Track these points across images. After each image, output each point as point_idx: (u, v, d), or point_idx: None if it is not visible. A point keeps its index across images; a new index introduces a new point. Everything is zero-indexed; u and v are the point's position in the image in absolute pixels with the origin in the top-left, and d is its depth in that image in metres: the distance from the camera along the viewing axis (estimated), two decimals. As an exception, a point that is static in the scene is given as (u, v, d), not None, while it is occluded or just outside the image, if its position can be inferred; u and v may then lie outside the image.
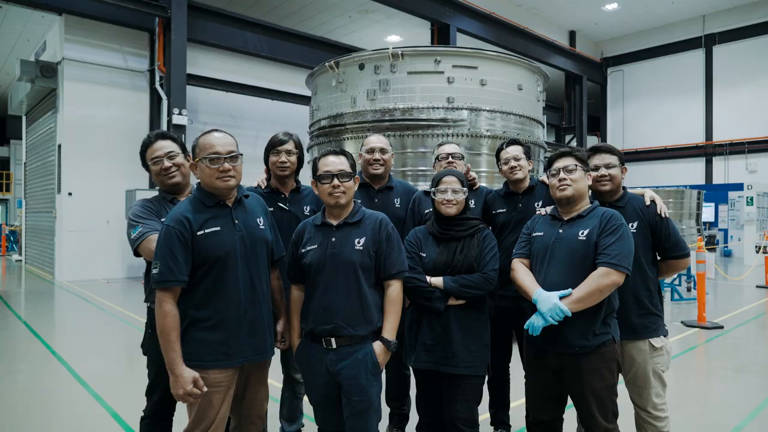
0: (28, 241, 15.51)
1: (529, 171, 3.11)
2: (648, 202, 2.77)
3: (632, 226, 2.70)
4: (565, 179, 2.51)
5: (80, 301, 9.23)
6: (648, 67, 23.27)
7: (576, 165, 2.52)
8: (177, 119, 11.60)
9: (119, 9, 11.48)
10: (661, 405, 2.77)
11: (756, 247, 11.62)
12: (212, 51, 13.53)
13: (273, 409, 2.88)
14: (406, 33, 19.58)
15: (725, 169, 21.24)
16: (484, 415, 3.27)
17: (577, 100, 23.26)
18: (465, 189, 2.60)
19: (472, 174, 3.29)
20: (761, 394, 4.42)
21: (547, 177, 2.65)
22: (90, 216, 11.93)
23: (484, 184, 5.35)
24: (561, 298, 2.34)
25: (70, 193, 11.72)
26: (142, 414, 2.58)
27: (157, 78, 12.19)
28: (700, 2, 20.09)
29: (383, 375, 2.61)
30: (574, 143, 23.26)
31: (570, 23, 22.13)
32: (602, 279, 2.32)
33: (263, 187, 3.03)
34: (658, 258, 2.83)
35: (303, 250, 2.37)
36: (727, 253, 19.30)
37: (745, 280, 11.66)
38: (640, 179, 23.48)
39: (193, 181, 2.69)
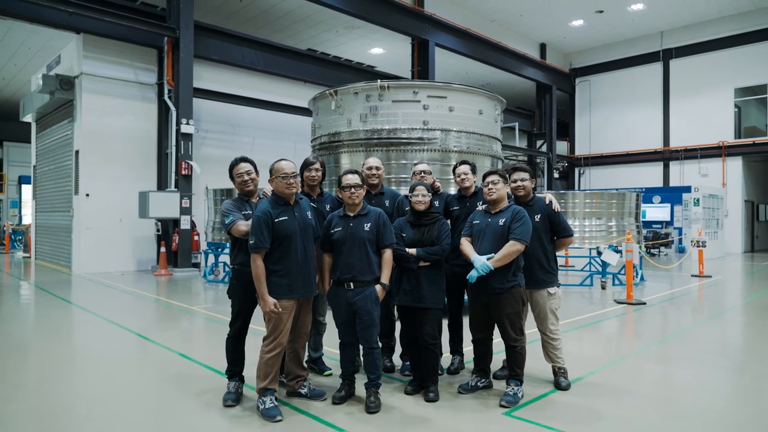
0: (38, 238, 16.69)
1: (473, 181, 4.67)
2: (547, 202, 4.35)
3: (537, 218, 4.29)
4: (492, 188, 4.08)
5: (105, 287, 10.61)
6: (612, 78, 25.12)
7: (498, 179, 4.09)
8: (185, 128, 13.02)
9: (132, 29, 12.86)
10: (555, 331, 4.37)
11: (691, 242, 13.42)
12: (213, 65, 14.93)
13: (306, 338, 4.39)
14: (389, 46, 21.13)
15: (681, 173, 23.11)
16: (447, 354, 4.84)
17: (548, 108, 25.02)
18: (430, 194, 4.17)
19: (437, 184, 4.83)
20: (640, 346, 6.09)
21: (482, 186, 4.22)
22: (105, 215, 13.26)
23: (452, 190, 6.92)
24: (488, 259, 3.90)
25: (87, 194, 13.04)
26: (227, 335, 4.08)
27: (166, 90, 13.55)
28: (658, 20, 21.94)
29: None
30: (544, 148, 25.06)
31: (540, 37, 23.85)
32: (511, 248, 3.90)
33: (299, 193, 4.52)
34: (555, 238, 4.41)
35: (332, 231, 3.91)
36: (681, 250, 21.21)
37: (688, 271, 13.46)
38: (605, 182, 25.29)
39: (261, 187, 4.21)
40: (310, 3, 15.60)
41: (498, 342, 4.24)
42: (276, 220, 3.64)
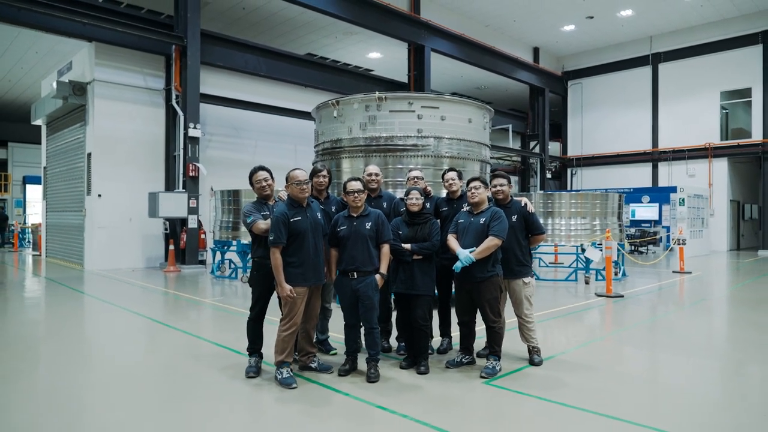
0: (48, 236, 17.32)
1: (460, 186, 5.36)
2: (523, 204, 5.05)
3: (514, 218, 4.99)
4: (474, 192, 4.78)
5: (119, 282, 11.28)
6: (603, 80, 25.86)
7: (480, 185, 4.79)
8: (192, 132, 13.70)
9: (142, 38, 13.53)
10: (530, 315, 5.07)
11: (673, 240, 14.17)
12: (218, 71, 15.57)
13: (315, 321, 5.08)
14: (386, 51, 21.79)
15: (669, 173, 23.84)
16: (437, 338, 5.53)
17: (541, 110, 25.74)
18: (422, 197, 4.87)
19: (429, 188, 5.54)
20: (610, 331, 6.79)
21: (467, 191, 4.91)
22: (116, 214, 13.92)
23: (443, 192, 7.60)
24: (471, 252, 4.60)
25: (99, 195, 13.70)
26: (248, 318, 4.76)
27: (173, 96, 14.21)
28: (647, 25, 22.67)
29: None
30: (537, 149, 25.78)
31: (533, 41, 24.56)
32: (490, 242, 4.59)
33: (309, 196, 5.21)
34: (529, 235, 5.11)
35: (338, 229, 4.61)
36: (669, 247, 21.94)
37: (672, 267, 14.19)
38: (596, 182, 26.00)
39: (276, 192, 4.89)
40: (311, 11, 16.29)
41: (481, 329, 4.93)
42: (292, 220, 4.33)
